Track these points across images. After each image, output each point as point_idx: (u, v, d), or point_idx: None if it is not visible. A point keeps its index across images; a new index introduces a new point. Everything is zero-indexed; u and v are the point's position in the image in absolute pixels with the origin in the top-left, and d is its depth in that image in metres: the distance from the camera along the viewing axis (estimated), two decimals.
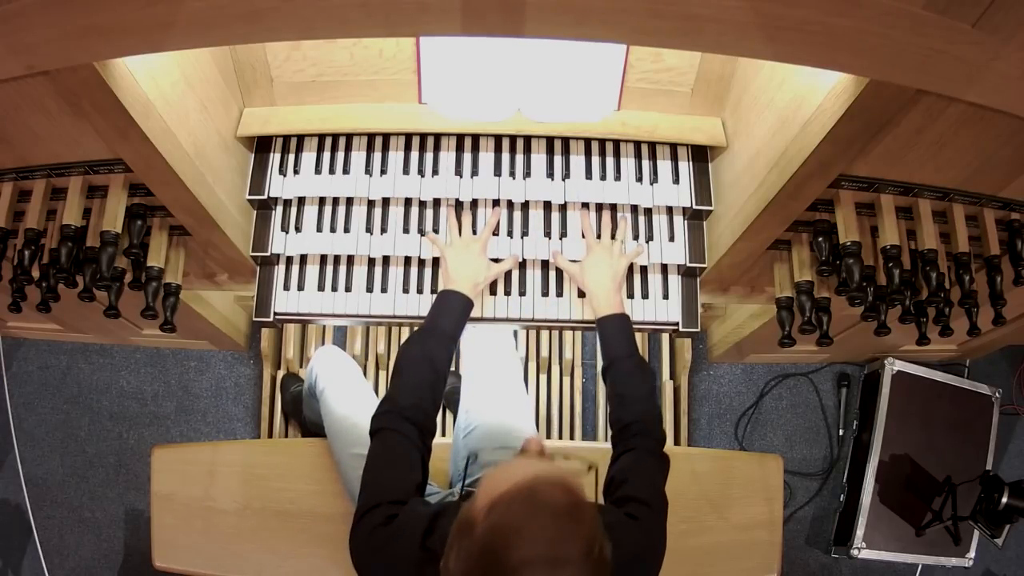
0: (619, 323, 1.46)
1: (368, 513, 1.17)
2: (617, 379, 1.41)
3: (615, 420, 1.37)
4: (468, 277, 1.49)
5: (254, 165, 1.58)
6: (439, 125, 1.53)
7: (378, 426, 1.29)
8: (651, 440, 1.33)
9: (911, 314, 1.49)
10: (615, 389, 1.40)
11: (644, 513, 1.20)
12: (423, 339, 1.40)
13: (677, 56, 1.44)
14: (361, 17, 0.89)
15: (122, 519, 2.43)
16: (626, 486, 1.25)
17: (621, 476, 1.27)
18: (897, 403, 2.31)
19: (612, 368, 1.42)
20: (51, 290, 1.46)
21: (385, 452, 1.26)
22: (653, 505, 1.22)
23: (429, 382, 1.34)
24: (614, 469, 1.31)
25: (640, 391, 1.38)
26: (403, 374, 1.35)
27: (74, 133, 1.23)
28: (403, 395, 1.31)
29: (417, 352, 1.37)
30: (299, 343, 2.38)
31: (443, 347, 1.39)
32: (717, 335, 2.45)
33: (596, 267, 1.52)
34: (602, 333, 1.47)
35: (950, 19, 0.87)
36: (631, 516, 1.19)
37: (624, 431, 1.35)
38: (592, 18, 0.88)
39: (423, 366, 1.35)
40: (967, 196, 1.37)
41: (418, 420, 1.28)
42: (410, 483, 1.22)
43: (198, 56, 1.33)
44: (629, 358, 1.42)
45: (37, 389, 2.52)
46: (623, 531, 1.13)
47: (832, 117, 1.08)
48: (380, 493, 1.19)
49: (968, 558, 2.27)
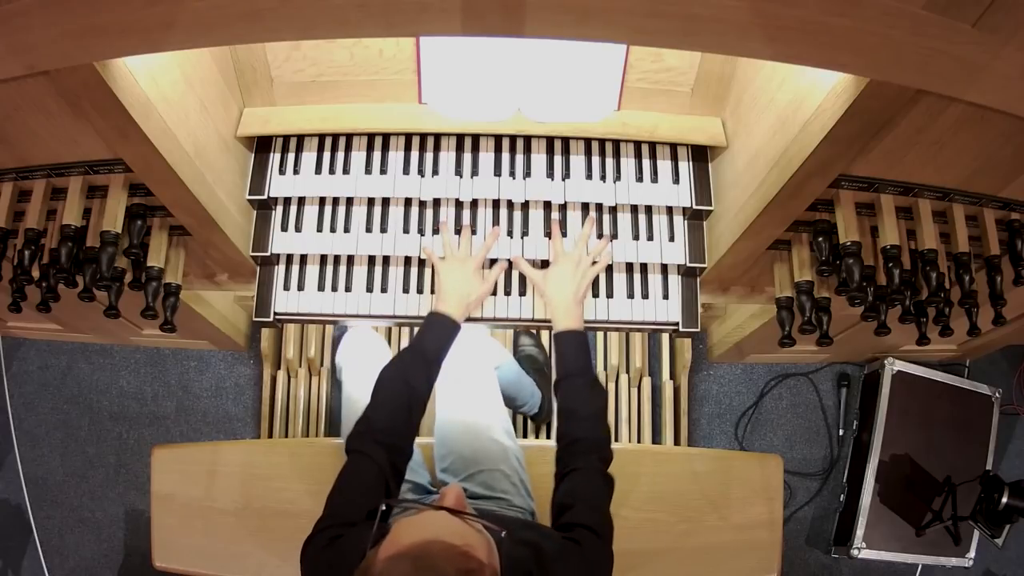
0: (576, 340, 1.46)
1: (318, 533, 1.20)
2: (568, 395, 1.41)
3: (563, 434, 1.38)
4: (460, 295, 1.49)
5: (254, 165, 1.58)
6: (439, 125, 1.53)
7: (351, 447, 1.32)
8: (598, 459, 1.33)
9: (911, 314, 1.49)
10: (566, 404, 1.40)
11: (588, 540, 1.20)
12: (405, 361, 1.42)
13: (677, 56, 1.44)
14: (361, 17, 0.89)
15: (122, 519, 2.43)
16: (572, 511, 1.25)
17: (568, 500, 1.28)
18: (897, 403, 2.31)
19: (564, 383, 1.42)
20: (51, 290, 1.46)
21: (350, 476, 1.29)
22: (598, 530, 1.22)
23: (405, 404, 1.36)
24: (561, 492, 1.31)
25: (591, 409, 1.39)
26: (381, 395, 1.37)
27: (74, 133, 1.23)
28: (379, 417, 1.34)
29: (397, 374, 1.40)
30: (299, 343, 2.38)
31: (424, 370, 1.41)
32: (717, 335, 2.44)
33: (559, 280, 1.51)
34: (557, 347, 1.47)
35: (950, 19, 0.87)
36: (575, 541, 1.19)
37: (571, 447, 1.35)
38: (592, 18, 0.88)
39: (401, 388, 1.37)
40: (967, 196, 1.37)
41: (390, 443, 1.31)
42: (364, 509, 1.22)
43: (198, 56, 1.33)
44: (582, 376, 1.42)
45: (37, 389, 2.52)
46: (564, 559, 1.16)
47: (832, 117, 1.08)
48: (332, 515, 1.23)
49: (968, 558, 2.27)
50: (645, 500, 1.76)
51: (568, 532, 1.21)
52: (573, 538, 1.19)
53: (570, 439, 1.36)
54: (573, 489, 1.30)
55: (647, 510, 1.76)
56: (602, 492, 1.32)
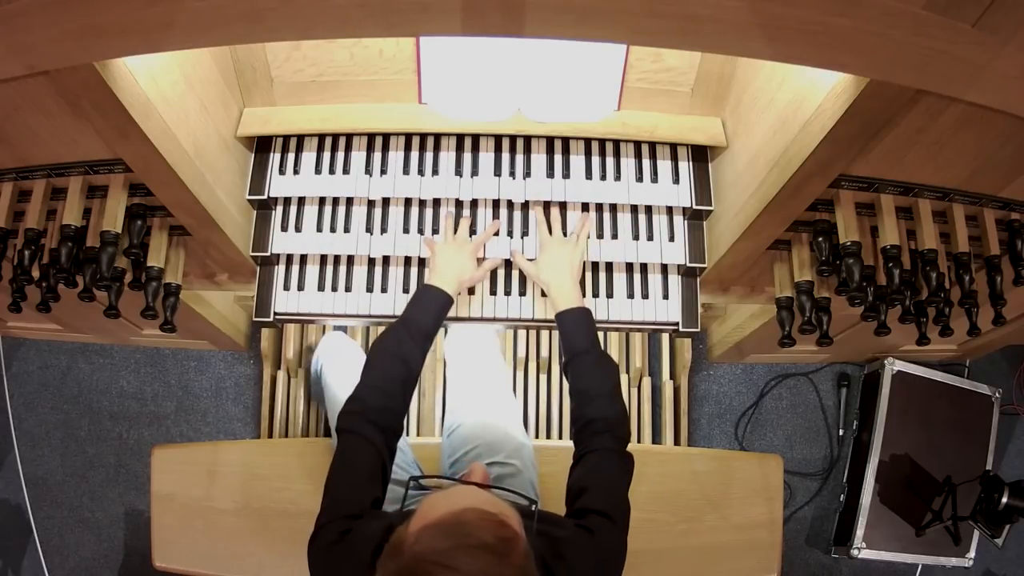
0: (579, 316, 1.43)
1: (324, 528, 1.17)
2: (578, 374, 1.38)
3: (577, 417, 1.35)
4: (454, 273, 1.47)
5: (254, 165, 1.58)
6: (439, 125, 1.53)
7: (344, 426, 1.28)
8: (614, 439, 1.30)
9: (911, 314, 1.49)
10: (577, 385, 1.37)
11: (601, 526, 1.18)
12: (399, 335, 1.37)
13: (677, 56, 1.44)
14: (361, 17, 0.89)
15: (122, 519, 2.43)
16: (586, 496, 1.23)
17: (581, 484, 1.25)
18: (897, 403, 2.31)
19: (573, 363, 1.39)
20: (51, 290, 1.46)
21: (347, 459, 1.25)
22: (612, 515, 1.20)
23: (400, 380, 1.33)
24: (575, 475, 1.28)
25: (603, 387, 1.35)
26: (374, 370, 1.33)
27: (74, 133, 1.23)
28: (372, 395, 1.30)
29: (392, 348, 1.36)
30: (299, 343, 2.38)
31: (418, 345, 1.37)
32: (717, 335, 2.45)
33: (551, 262, 1.50)
34: (562, 328, 1.44)
35: (950, 19, 0.87)
36: (587, 529, 1.17)
37: (586, 428, 1.32)
38: (592, 18, 0.89)
39: (396, 364, 1.34)
40: (967, 196, 1.37)
41: (385, 422, 1.28)
42: (368, 495, 1.21)
43: (198, 56, 1.33)
44: (590, 352, 1.39)
45: (37, 389, 2.52)
46: (576, 547, 1.14)
47: (832, 117, 1.08)
48: (337, 506, 1.19)
49: (968, 558, 2.27)
50: (645, 500, 1.76)
51: (581, 519, 1.19)
52: (585, 525, 1.17)
53: (585, 420, 1.32)
54: (587, 472, 1.27)
55: (647, 510, 1.76)
56: (617, 474, 1.28)
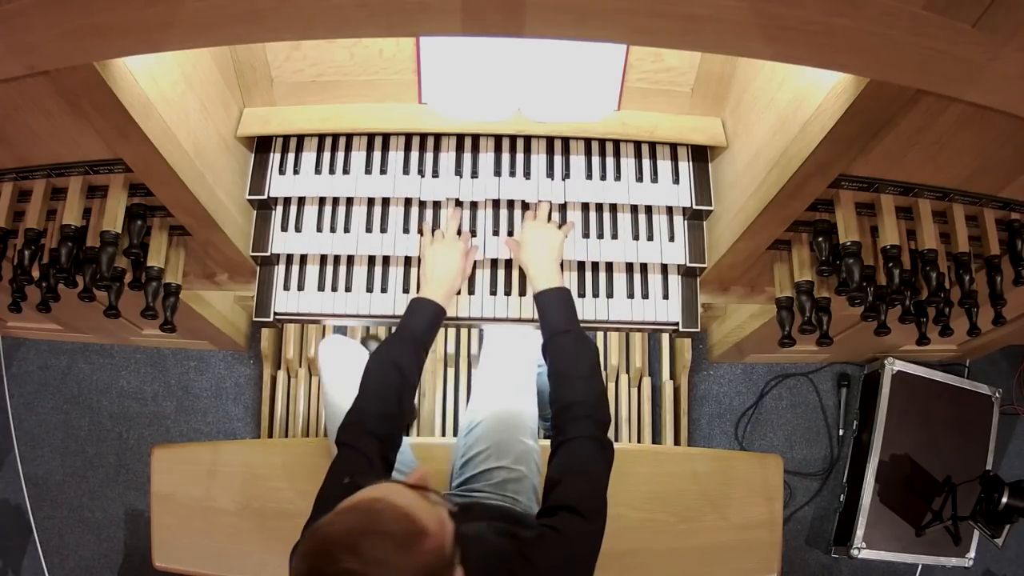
0: (558, 296, 1.43)
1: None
2: (556, 355, 1.37)
3: (555, 400, 1.33)
4: (442, 278, 1.48)
5: (254, 165, 1.58)
6: (439, 125, 1.53)
7: (342, 439, 1.29)
8: (593, 424, 1.27)
9: (911, 314, 1.49)
10: (555, 367, 1.36)
11: (567, 523, 1.16)
12: (392, 345, 1.39)
13: (677, 56, 1.44)
14: (361, 17, 0.89)
15: (122, 519, 2.43)
16: (558, 489, 1.21)
17: (556, 475, 1.23)
18: (897, 403, 2.31)
19: (551, 344, 1.38)
20: (51, 290, 1.46)
21: (341, 473, 1.25)
22: (581, 509, 1.17)
23: (396, 388, 1.34)
24: (552, 466, 1.26)
25: (581, 368, 1.33)
26: (371, 380, 1.35)
27: (74, 133, 1.23)
28: (370, 405, 1.32)
29: (386, 357, 1.37)
30: (299, 343, 2.38)
31: (413, 353, 1.38)
32: (717, 335, 2.45)
33: (532, 241, 1.50)
34: (540, 307, 1.44)
35: (950, 19, 0.87)
36: (553, 528, 1.15)
37: (564, 413, 1.29)
38: (592, 18, 0.89)
39: (391, 371, 1.35)
40: (967, 196, 1.37)
41: (382, 432, 1.28)
42: None
43: (198, 56, 1.33)
44: (567, 332, 1.38)
45: (37, 389, 2.52)
46: (542, 547, 1.13)
47: (832, 117, 1.08)
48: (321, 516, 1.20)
49: (968, 558, 2.27)
50: (645, 500, 1.76)
51: (550, 517, 1.18)
52: (551, 525, 1.16)
53: (563, 403, 1.30)
54: (563, 463, 1.25)
55: (647, 510, 1.76)
56: (594, 463, 1.25)
